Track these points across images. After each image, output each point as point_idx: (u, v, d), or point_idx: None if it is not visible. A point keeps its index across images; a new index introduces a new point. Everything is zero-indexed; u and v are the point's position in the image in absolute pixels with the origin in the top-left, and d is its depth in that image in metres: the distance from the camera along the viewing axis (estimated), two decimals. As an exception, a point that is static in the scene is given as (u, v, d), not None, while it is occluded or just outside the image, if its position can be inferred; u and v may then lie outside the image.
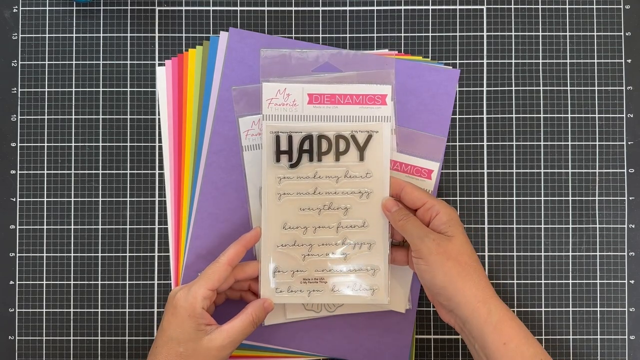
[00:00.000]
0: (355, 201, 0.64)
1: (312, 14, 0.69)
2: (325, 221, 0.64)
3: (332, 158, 0.64)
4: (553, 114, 0.69)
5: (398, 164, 0.66)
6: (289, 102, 0.63)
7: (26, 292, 0.68)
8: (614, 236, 0.68)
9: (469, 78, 0.69)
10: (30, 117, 0.69)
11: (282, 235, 0.63)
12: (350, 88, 0.63)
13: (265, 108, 0.63)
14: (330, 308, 0.66)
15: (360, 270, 0.64)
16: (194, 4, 0.69)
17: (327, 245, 0.64)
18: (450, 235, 0.60)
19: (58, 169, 0.68)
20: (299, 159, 0.63)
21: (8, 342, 0.68)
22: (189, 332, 0.58)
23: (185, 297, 0.59)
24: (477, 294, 0.58)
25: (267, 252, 0.63)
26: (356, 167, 0.64)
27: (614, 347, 0.68)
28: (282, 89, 0.63)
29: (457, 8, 0.69)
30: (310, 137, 0.63)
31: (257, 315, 0.61)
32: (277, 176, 0.63)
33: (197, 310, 0.59)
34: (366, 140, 0.64)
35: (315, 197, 0.64)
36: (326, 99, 0.63)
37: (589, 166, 0.69)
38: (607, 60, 0.69)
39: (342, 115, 0.63)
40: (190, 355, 0.58)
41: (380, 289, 0.64)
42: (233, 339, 0.59)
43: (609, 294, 0.68)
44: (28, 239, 0.68)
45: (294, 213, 0.63)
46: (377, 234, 0.64)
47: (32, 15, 0.69)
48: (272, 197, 0.63)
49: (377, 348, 0.67)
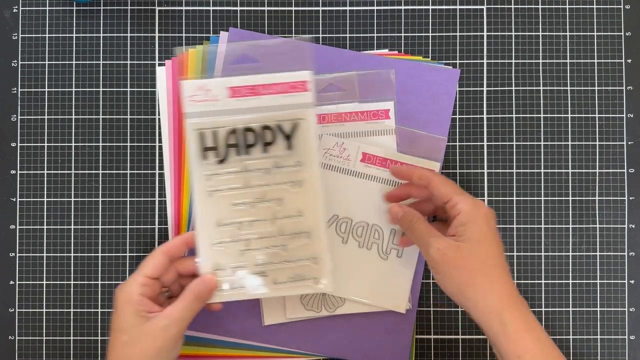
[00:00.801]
0: (288, 191, 0.62)
1: (312, 14, 0.69)
2: (260, 214, 0.62)
3: (259, 150, 0.62)
4: (553, 114, 0.69)
5: (398, 164, 0.66)
6: (210, 97, 0.62)
7: (26, 292, 0.68)
8: (614, 236, 0.68)
9: (469, 78, 0.69)
10: (30, 117, 0.69)
11: (217, 233, 0.62)
12: (269, 78, 0.62)
13: (186, 106, 0.62)
14: (330, 308, 0.66)
15: (300, 260, 0.62)
16: (194, 4, 0.69)
17: (265, 239, 0.62)
18: (462, 240, 0.57)
19: (58, 169, 0.68)
20: (226, 154, 0.62)
21: (8, 342, 0.68)
22: (129, 319, 0.58)
23: (122, 288, 0.59)
24: (488, 304, 0.56)
25: (204, 251, 0.62)
26: (285, 157, 0.62)
27: (614, 347, 0.68)
28: (201, 85, 0.62)
29: (457, 8, 0.69)
30: (235, 131, 0.62)
31: (197, 290, 0.60)
32: (206, 173, 0.62)
33: (134, 297, 0.58)
34: (292, 128, 0.62)
35: (247, 190, 0.62)
36: (247, 90, 0.62)
37: (589, 166, 0.69)
38: (607, 60, 0.69)
39: (265, 106, 0.62)
40: (135, 341, 0.57)
41: (323, 278, 0.62)
42: (176, 317, 0.58)
43: (609, 294, 0.68)
44: (28, 239, 0.68)
45: (227, 209, 0.62)
46: (314, 222, 0.62)
47: (32, 15, 0.69)
48: (203, 195, 0.62)
49: (377, 348, 0.67)
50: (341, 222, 0.66)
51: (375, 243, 0.66)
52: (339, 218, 0.66)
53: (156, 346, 0.57)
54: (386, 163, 0.66)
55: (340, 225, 0.66)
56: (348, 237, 0.66)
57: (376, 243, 0.66)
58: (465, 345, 0.68)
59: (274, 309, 0.66)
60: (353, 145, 0.66)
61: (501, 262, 0.58)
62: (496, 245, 0.58)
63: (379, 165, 0.66)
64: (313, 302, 0.66)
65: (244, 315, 0.66)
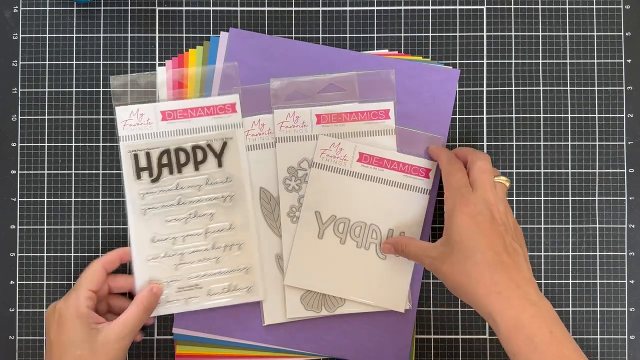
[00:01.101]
0: (220, 205, 0.66)
1: (312, 14, 0.69)
2: (193, 229, 0.66)
3: (191, 168, 0.66)
4: (553, 114, 0.69)
5: (396, 164, 0.66)
6: (143, 122, 0.66)
7: (26, 292, 0.68)
8: (614, 236, 0.68)
9: (469, 78, 0.69)
10: (30, 117, 0.69)
11: (151, 249, 0.65)
12: (199, 102, 0.66)
13: (120, 129, 0.66)
14: (331, 308, 0.66)
15: (233, 271, 0.66)
16: (194, 4, 0.69)
17: (198, 252, 0.66)
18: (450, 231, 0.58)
19: (58, 169, 0.68)
20: (159, 173, 0.66)
21: (8, 342, 0.68)
22: (81, 333, 0.59)
23: (67, 304, 0.60)
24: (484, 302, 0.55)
25: (139, 266, 0.65)
26: (216, 174, 0.66)
27: (614, 347, 0.68)
28: (134, 110, 0.66)
29: (457, 8, 0.69)
30: (167, 151, 0.66)
31: (147, 301, 0.62)
32: (140, 192, 0.66)
33: (83, 310, 0.59)
34: (222, 147, 0.66)
35: (179, 207, 0.66)
36: (179, 114, 0.66)
37: (589, 166, 0.69)
38: (607, 60, 0.69)
39: (196, 128, 0.66)
40: (89, 354, 0.58)
41: (255, 287, 0.66)
42: (129, 329, 0.60)
43: (609, 294, 0.68)
44: (28, 239, 0.68)
45: (160, 225, 0.66)
46: (245, 234, 0.66)
47: (33, 15, 0.69)
48: (137, 212, 0.66)
49: (377, 348, 0.67)
50: (339, 222, 0.66)
51: (373, 243, 0.66)
52: (336, 218, 0.66)
53: (110, 357, 0.59)
54: (383, 163, 0.66)
55: (338, 226, 0.66)
56: (346, 238, 0.66)
57: (374, 243, 0.66)
58: (465, 345, 0.68)
59: (274, 309, 0.66)
60: (349, 145, 0.66)
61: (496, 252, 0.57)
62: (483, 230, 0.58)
63: (376, 165, 0.66)
64: (313, 302, 0.66)
65: (244, 315, 0.66)
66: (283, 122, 0.66)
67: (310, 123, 0.66)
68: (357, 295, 0.66)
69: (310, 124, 0.66)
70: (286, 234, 0.66)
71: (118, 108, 0.66)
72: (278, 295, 0.66)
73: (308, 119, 0.66)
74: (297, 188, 0.66)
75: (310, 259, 0.66)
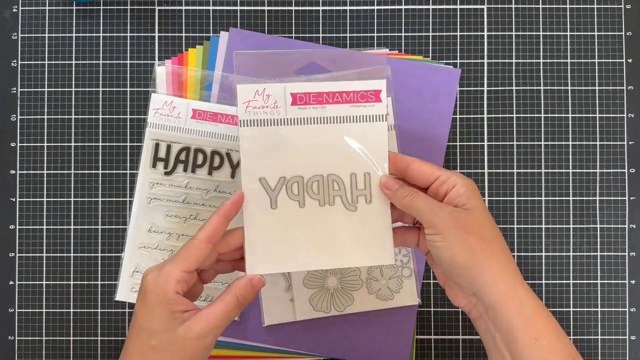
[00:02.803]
0: None
1: (312, 13, 0.69)
2: (189, 231, 0.66)
3: (205, 171, 0.66)
4: (554, 114, 0.69)
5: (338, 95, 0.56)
6: (174, 114, 0.66)
7: (26, 292, 0.68)
8: (614, 236, 0.68)
9: (469, 78, 0.69)
10: (30, 117, 0.68)
11: (146, 237, 0.66)
12: (229, 109, 0.66)
13: (150, 116, 0.66)
14: (340, 307, 0.66)
15: (214, 282, 0.65)
16: (194, 4, 0.69)
17: None
18: (469, 207, 0.52)
19: (58, 169, 0.68)
20: (174, 167, 0.66)
21: (8, 342, 0.68)
22: (161, 322, 0.50)
23: (156, 280, 0.51)
24: (505, 277, 0.50)
25: (129, 252, 0.66)
26: (227, 184, 0.66)
27: (615, 348, 0.68)
28: (168, 101, 0.66)
29: (458, 8, 0.69)
30: (187, 148, 0.66)
31: (242, 295, 0.52)
32: (151, 180, 0.66)
33: (169, 296, 0.50)
34: (239, 159, 0.66)
35: (183, 205, 0.66)
36: (208, 116, 0.66)
37: (590, 166, 0.68)
38: (608, 60, 0.69)
39: (221, 134, 0.66)
40: (165, 348, 0.50)
41: None
42: (214, 325, 0.51)
43: (609, 294, 0.68)
44: (28, 239, 0.68)
45: (161, 218, 0.66)
46: None
47: (32, 15, 0.69)
48: (143, 199, 0.66)
49: (377, 348, 0.67)
50: (291, 183, 0.56)
51: (338, 195, 0.56)
52: (287, 180, 0.56)
53: (187, 355, 0.50)
54: (322, 98, 0.56)
55: (291, 187, 0.56)
56: (304, 199, 0.56)
57: (338, 195, 0.56)
58: (466, 346, 0.68)
59: (275, 309, 0.66)
60: (277, 88, 0.55)
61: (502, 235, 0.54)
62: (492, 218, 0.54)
63: (315, 103, 0.56)
64: (322, 302, 0.66)
65: (244, 315, 0.66)
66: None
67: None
68: (336, 262, 0.56)
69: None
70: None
71: (154, 95, 0.66)
72: (278, 295, 0.66)
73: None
74: None
75: (268, 237, 0.55)
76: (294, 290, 0.66)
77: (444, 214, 0.52)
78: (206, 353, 0.52)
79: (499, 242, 0.52)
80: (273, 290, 0.66)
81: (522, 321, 0.50)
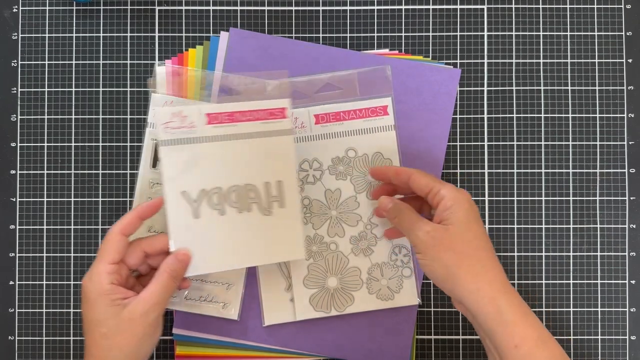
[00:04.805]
0: None
1: (312, 13, 0.69)
2: None
3: None
4: (554, 114, 0.69)
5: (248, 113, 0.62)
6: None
7: (26, 292, 0.68)
8: (614, 236, 0.68)
9: (469, 78, 0.69)
10: (30, 117, 0.69)
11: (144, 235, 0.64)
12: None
13: (150, 116, 0.66)
14: (340, 307, 0.66)
15: (215, 283, 0.65)
16: (194, 4, 0.69)
17: None
18: (449, 223, 0.56)
19: (58, 169, 0.68)
20: None
21: (8, 342, 0.68)
22: (104, 311, 0.56)
23: (90, 279, 0.57)
24: (482, 287, 0.54)
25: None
26: None
27: (615, 348, 0.68)
28: (168, 100, 0.66)
29: (458, 8, 0.69)
30: None
31: (173, 269, 0.58)
32: (150, 181, 0.66)
33: (105, 287, 0.56)
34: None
35: None
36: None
37: (590, 166, 0.68)
38: (608, 60, 0.69)
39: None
40: (115, 332, 0.55)
41: (231, 305, 0.66)
42: (155, 301, 0.56)
43: (609, 294, 0.68)
44: (28, 239, 0.68)
45: (160, 219, 0.63)
46: None
47: (32, 15, 0.69)
48: (143, 200, 0.66)
49: (377, 348, 0.66)
50: (211, 194, 0.61)
51: (254, 202, 0.62)
52: (207, 191, 0.61)
53: (137, 333, 0.56)
54: (234, 117, 0.61)
55: (212, 198, 0.61)
56: (224, 207, 0.61)
57: (255, 202, 0.62)
58: (466, 346, 0.68)
59: (275, 309, 0.66)
60: (193, 110, 0.61)
61: (488, 245, 0.57)
62: (482, 228, 0.57)
63: (228, 121, 0.61)
64: (322, 302, 0.66)
65: (244, 315, 0.66)
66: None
67: (309, 124, 0.66)
68: (256, 261, 0.62)
69: (309, 124, 0.66)
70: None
71: (154, 95, 0.66)
72: (278, 295, 0.66)
73: (307, 119, 0.66)
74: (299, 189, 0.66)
75: (193, 243, 0.60)
76: (294, 290, 0.66)
77: (421, 234, 0.57)
78: (154, 329, 0.57)
79: (476, 254, 0.56)
80: (273, 290, 0.66)
81: (501, 328, 0.54)
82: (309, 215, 0.67)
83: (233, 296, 0.66)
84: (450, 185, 0.58)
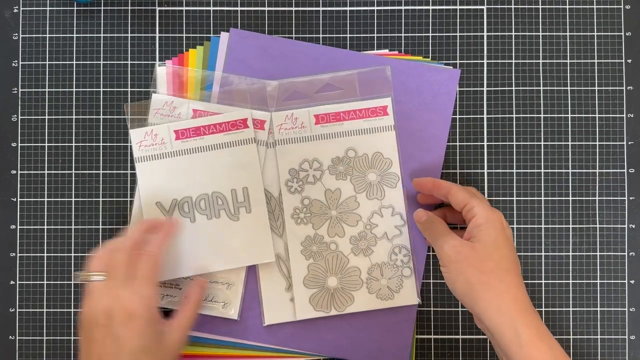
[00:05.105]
0: None
1: (312, 14, 0.69)
2: None
3: None
4: (553, 114, 0.69)
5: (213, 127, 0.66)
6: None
7: (26, 292, 0.68)
8: (614, 236, 0.68)
9: (469, 78, 0.69)
10: (30, 117, 0.69)
11: None
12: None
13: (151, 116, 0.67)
14: (340, 307, 0.66)
15: (215, 282, 0.66)
16: (194, 4, 0.69)
17: None
18: (477, 240, 0.58)
19: (58, 169, 0.68)
20: None
21: (8, 342, 0.68)
22: (153, 338, 0.56)
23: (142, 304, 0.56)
24: (501, 306, 0.55)
25: None
26: None
27: (614, 347, 0.68)
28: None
29: (457, 8, 0.69)
30: None
31: (198, 298, 0.62)
32: None
33: (156, 313, 0.57)
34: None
35: None
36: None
37: (589, 166, 0.69)
38: (608, 60, 0.69)
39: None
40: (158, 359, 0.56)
41: (231, 304, 0.66)
42: (187, 330, 0.60)
43: (609, 294, 0.68)
44: (28, 239, 0.68)
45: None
46: None
47: (33, 15, 0.69)
48: None
49: (377, 348, 0.67)
50: (182, 203, 0.66)
51: (222, 209, 0.66)
52: (178, 201, 0.66)
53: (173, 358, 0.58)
54: (200, 131, 0.66)
55: (182, 207, 0.66)
56: (194, 215, 0.66)
57: (222, 209, 0.66)
58: (466, 345, 0.68)
59: (275, 309, 0.66)
60: (162, 128, 0.66)
61: (515, 267, 0.58)
62: (510, 250, 0.58)
63: (194, 135, 0.66)
64: (322, 302, 0.66)
65: (244, 314, 0.67)
66: (282, 125, 0.66)
67: (309, 124, 0.67)
68: (226, 265, 0.66)
69: (309, 124, 0.67)
70: (291, 235, 0.66)
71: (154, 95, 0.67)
72: (278, 295, 0.66)
73: (307, 119, 0.67)
74: (299, 190, 0.66)
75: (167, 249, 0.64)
76: (294, 290, 0.66)
77: (447, 247, 0.59)
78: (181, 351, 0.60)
79: (498, 274, 0.56)
80: (273, 290, 0.66)
81: (517, 349, 0.54)
82: (309, 215, 0.67)
83: (233, 296, 0.66)
84: (485, 204, 0.59)
